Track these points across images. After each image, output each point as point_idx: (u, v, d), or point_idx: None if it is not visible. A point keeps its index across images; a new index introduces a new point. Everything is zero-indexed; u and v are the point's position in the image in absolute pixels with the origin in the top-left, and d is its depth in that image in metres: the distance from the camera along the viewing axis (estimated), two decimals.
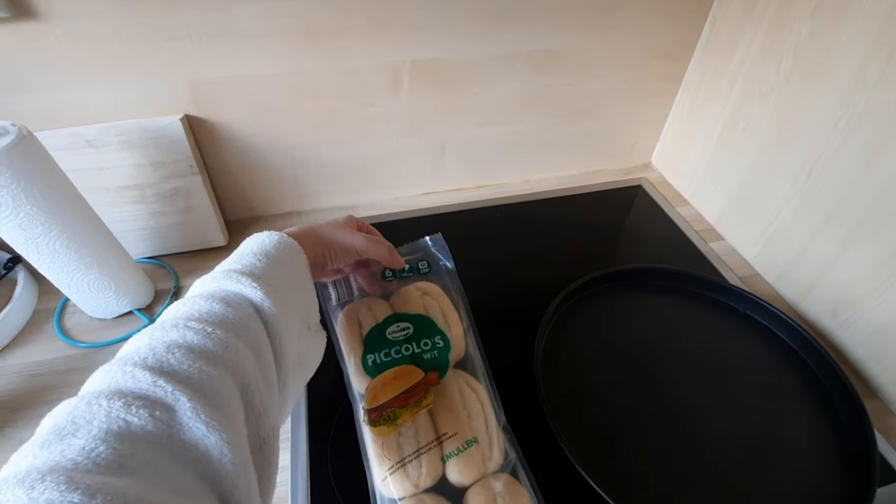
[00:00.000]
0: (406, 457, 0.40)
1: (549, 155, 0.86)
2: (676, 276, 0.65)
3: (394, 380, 0.42)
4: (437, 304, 0.48)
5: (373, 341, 0.45)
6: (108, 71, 0.58)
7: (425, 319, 0.46)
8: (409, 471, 0.40)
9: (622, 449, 0.50)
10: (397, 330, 0.45)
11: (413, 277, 0.50)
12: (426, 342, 0.45)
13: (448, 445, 0.41)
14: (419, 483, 0.40)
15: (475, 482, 0.41)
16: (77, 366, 0.58)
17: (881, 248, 0.55)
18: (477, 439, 0.41)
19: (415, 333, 0.45)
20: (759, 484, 0.48)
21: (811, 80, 0.59)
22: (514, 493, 0.40)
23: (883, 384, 0.57)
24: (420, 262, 0.51)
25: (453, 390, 0.44)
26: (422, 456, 0.40)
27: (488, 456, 0.41)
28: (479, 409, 0.43)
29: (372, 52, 0.64)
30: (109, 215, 0.64)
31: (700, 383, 0.56)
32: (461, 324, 0.48)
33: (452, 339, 0.46)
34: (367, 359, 0.44)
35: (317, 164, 0.75)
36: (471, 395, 0.44)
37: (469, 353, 0.47)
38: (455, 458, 0.41)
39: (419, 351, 0.44)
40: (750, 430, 0.52)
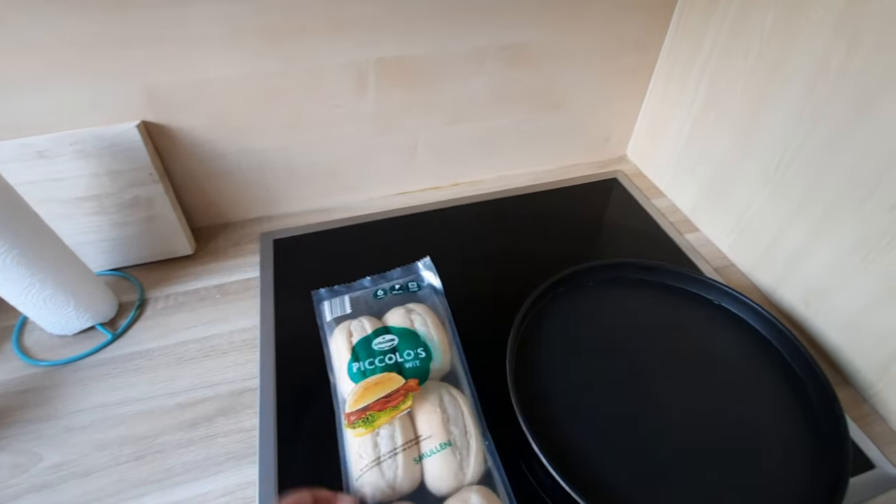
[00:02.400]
0: (381, 456, 0.40)
1: (523, 150, 0.85)
2: (650, 270, 0.65)
3: (375, 385, 0.44)
4: (424, 319, 0.50)
5: (360, 350, 0.48)
6: (57, 78, 0.56)
7: (411, 332, 0.49)
8: (384, 469, 0.40)
9: (595, 444, 0.50)
10: (383, 341, 0.48)
11: (404, 296, 0.54)
12: (409, 352, 0.47)
13: (424, 446, 0.42)
14: (394, 484, 0.40)
15: (452, 492, 0.41)
16: (38, 385, 0.56)
17: (848, 237, 0.55)
18: (452, 442, 0.42)
19: (400, 344, 0.48)
20: (732, 474, 0.48)
21: (777, 69, 0.59)
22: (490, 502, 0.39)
23: (856, 371, 0.57)
24: (410, 283, 0.55)
25: (435, 397, 0.45)
26: (398, 456, 0.41)
27: (466, 463, 0.41)
28: (458, 416, 0.44)
29: (335, 51, 0.63)
30: (66, 228, 0.62)
31: (674, 375, 0.56)
32: (447, 338, 0.50)
33: (437, 352, 0.48)
34: (353, 366, 0.47)
35: (285, 168, 0.73)
36: (452, 403, 0.45)
37: (454, 367, 0.49)
38: (430, 458, 0.41)
39: (402, 360, 0.47)
40: (723, 421, 0.52)
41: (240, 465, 0.50)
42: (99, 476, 0.49)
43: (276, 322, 0.62)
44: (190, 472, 0.49)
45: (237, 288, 0.67)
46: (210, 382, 0.56)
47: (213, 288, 0.67)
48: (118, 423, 0.53)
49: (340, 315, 0.53)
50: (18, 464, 0.50)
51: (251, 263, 0.70)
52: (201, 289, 0.67)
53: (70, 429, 0.52)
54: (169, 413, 0.54)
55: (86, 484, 0.48)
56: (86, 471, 0.49)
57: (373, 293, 0.54)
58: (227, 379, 0.57)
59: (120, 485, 0.48)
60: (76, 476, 0.49)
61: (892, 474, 0.50)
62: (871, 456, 0.51)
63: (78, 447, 0.51)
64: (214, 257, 0.71)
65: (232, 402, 0.55)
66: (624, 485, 0.47)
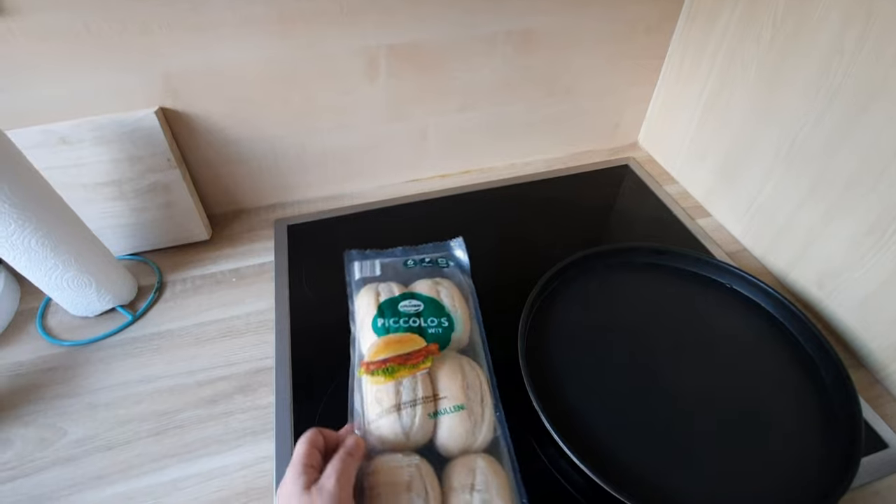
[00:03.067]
0: (402, 403, 0.42)
1: (534, 137, 0.85)
2: (660, 254, 0.65)
3: (397, 342, 0.45)
4: (450, 293, 0.51)
5: (386, 308, 0.49)
6: (79, 66, 0.57)
7: (436, 302, 0.50)
8: (403, 416, 0.41)
9: (604, 420, 0.50)
10: (409, 305, 0.49)
11: (432, 269, 0.55)
12: (433, 320, 0.49)
13: (441, 404, 0.43)
14: (410, 433, 0.41)
15: (460, 453, 0.42)
16: (61, 364, 0.58)
17: (863, 217, 0.54)
18: (468, 407, 0.43)
19: (424, 311, 0.49)
20: (746, 455, 0.48)
21: (791, 49, 0.58)
22: (495, 470, 0.40)
23: (869, 353, 0.57)
24: (440, 258, 0.57)
25: (456, 364, 0.46)
26: (417, 406, 0.42)
27: (478, 429, 0.42)
28: (477, 385, 0.45)
29: (346, 37, 0.63)
30: (88, 212, 0.64)
31: (686, 357, 0.56)
32: (469, 314, 0.51)
33: (459, 324, 0.49)
34: (378, 321, 0.48)
35: (298, 155, 0.74)
36: (471, 372, 0.46)
37: (473, 342, 0.50)
38: (445, 416, 0.42)
39: (425, 325, 0.48)
40: (736, 403, 0.52)
41: (257, 440, 0.51)
42: (121, 450, 0.50)
43: (291, 304, 0.63)
44: (209, 447, 0.50)
45: (253, 272, 0.68)
46: (228, 362, 0.58)
47: (229, 272, 0.68)
48: (139, 401, 0.54)
49: (369, 276, 0.54)
50: (44, 438, 0.51)
51: (266, 248, 0.71)
52: (217, 273, 0.68)
53: (93, 405, 0.54)
54: (188, 391, 0.55)
55: (109, 457, 0.50)
56: (108, 445, 0.51)
57: (403, 262, 0.56)
58: (244, 358, 0.58)
59: (141, 458, 0.50)
60: (99, 450, 0.50)
61: None
62: (883, 435, 0.51)
63: (101, 423, 0.52)
64: (230, 242, 0.72)
65: (249, 381, 0.56)
66: (632, 459, 0.47)
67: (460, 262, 0.58)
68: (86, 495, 0.47)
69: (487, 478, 0.40)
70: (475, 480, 0.39)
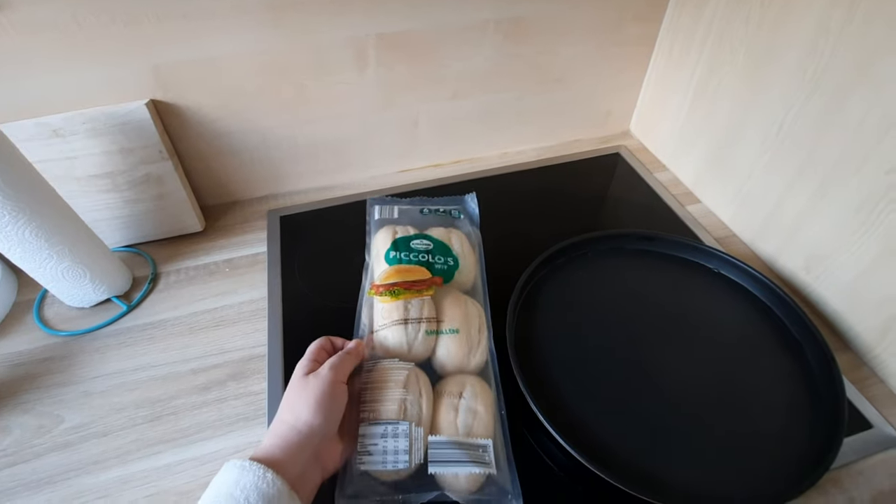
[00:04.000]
0: (409, 318, 0.48)
1: (526, 126, 0.85)
2: (650, 240, 0.65)
3: (406, 271, 0.52)
4: (460, 239, 0.58)
5: (400, 244, 0.55)
6: (69, 58, 0.58)
7: (446, 245, 0.56)
8: (409, 329, 0.47)
9: (591, 404, 0.51)
10: (421, 244, 0.56)
11: (445, 219, 0.61)
12: (440, 258, 0.55)
13: (443, 325, 0.49)
14: (412, 345, 0.47)
15: (454, 373, 0.48)
16: (57, 354, 0.59)
17: (849, 200, 0.55)
18: (464, 331, 0.49)
19: (434, 250, 0.55)
20: (732, 436, 0.49)
21: (778, 33, 0.59)
22: (483, 388, 0.46)
23: (856, 336, 0.57)
24: (454, 210, 0.63)
25: (461, 297, 0.52)
26: (421, 323, 0.48)
27: (472, 353, 0.48)
28: (475, 316, 0.51)
29: (335, 26, 0.64)
30: (82, 205, 0.64)
31: (674, 341, 0.57)
32: (475, 260, 0.57)
33: (465, 265, 0.55)
34: (391, 253, 0.54)
35: (290, 145, 0.75)
36: (472, 306, 0.52)
37: (476, 286, 0.56)
38: (444, 336, 0.48)
39: (433, 261, 0.54)
40: (722, 385, 0.53)
41: (249, 425, 0.52)
42: (117, 436, 0.51)
43: (283, 293, 0.64)
44: (202, 432, 0.51)
45: (246, 262, 0.69)
46: (221, 350, 0.59)
47: (222, 262, 0.69)
48: (134, 388, 0.55)
49: (388, 218, 0.60)
50: (42, 425, 0.52)
51: (259, 239, 0.72)
52: (211, 263, 0.69)
53: (89, 393, 0.55)
54: (182, 378, 0.56)
55: (105, 443, 0.51)
56: (104, 431, 0.52)
57: (419, 210, 0.62)
58: (237, 346, 0.59)
59: (137, 444, 0.51)
60: (95, 436, 0.51)
61: (889, 434, 0.50)
62: (869, 417, 0.52)
63: (97, 410, 0.53)
64: (223, 233, 0.73)
65: (242, 368, 0.57)
66: (615, 438, 0.48)
67: (472, 215, 0.64)
68: (83, 480, 0.48)
69: (475, 390, 0.45)
70: (464, 391, 0.45)
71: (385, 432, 0.42)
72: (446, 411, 0.44)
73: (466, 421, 0.43)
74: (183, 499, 0.47)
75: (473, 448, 0.42)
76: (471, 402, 0.45)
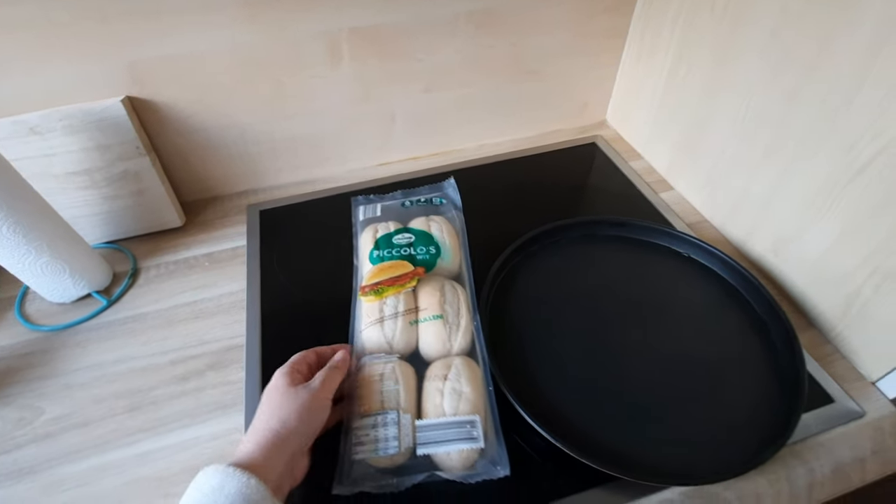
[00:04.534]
0: (385, 317, 0.50)
1: (503, 118, 0.86)
2: (621, 226, 0.67)
3: (389, 268, 0.54)
4: (441, 226, 0.60)
5: (382, 242, 0.58)
6: (45, 57, 0.59)
7: (427, 234, 0.59)
8: (385, 328, 0.50)
9: (562, 384, 0.52)
10: (402, 238, 0.59)
11: (428, 208, 0.64)
12: (422, 248, 0.58)
13: (421, 314, 0.52)
14: (392, 341, 0.49)
15: (439, 357, 0.50)
16: (39, 348, 0.59)
17: (811, 181, 0.56)
18: (444, 316, 0.51)
19: (415, 241, 0.58)
20: (697, 412, 0.50)
21: (741, 18, 0.60)
22: (468, 365, 0.48)
23: (820, 314, 0.59)
24: (435, 197, 0.66)
25: (438, 284, 0.54)
26: (398, 318, 0.50)
27: (454, 336, 0.50)
28: (455, 301, 0.53)
29: (308, 21, 0.64)
30: (62, 202, 0.65)
31: (643, 323, 0.58)
32: (458, 243, 0.60)
33: (447, 252, 0.58)
34: (374, 253, 0.58)
35: (268, 140, 0.75)
36: (451, 291, 0.54)
37: (461, 269, 0.59)
38: (423, 324, 0.51)
39: (415, 253, 0.57)
40: (690, 364, 0.54)
41: (227, 413, 0.53)
42: (96, 426, 0.52)
43: (262, 285, 0.65)
44: (181, 420, 0.52)
45: (225, 256, 0.70)
46: (200, 341, 0.59)
47: (202, 257, 0.70)
48: (114, 380, 0.56)
49: (371, 217, 0.63)
50: (22, 417, 0.53)
51: (239, 233, 0.73)
52: (191, 258, 0.70)
53: (70, 385, 0.56)
54: (161, 369, 0.57)
55: (85, 433, 0.52)
56: (84, 422, 0.53)
57: (401, 203, 0.64)
58: (216, 337, 0.60)
59: (116, 433, 0.52)
60: (75, 427, 0.52)
61: (850, 408, 0.52)
62: (830, 392, 0.53)
63: (77, 401, 0.54)
64: (203, 228, 0.74)
65: (220, 358, 0.58)
66: (586, 419, 0.49)
67: (453, 199, 0.66)
68: (63, 469, 0.49)
69: (460, 371, 0.47)
70: (449, 373, 0.47)
71: (375, 423, 0.44)
72: (431, 396, 0.46)
73: (452, 402, 0.45)
74: (161, 484, 0.48)
75: (461, 426, 0.43)
76: (455, 383, 0.46)
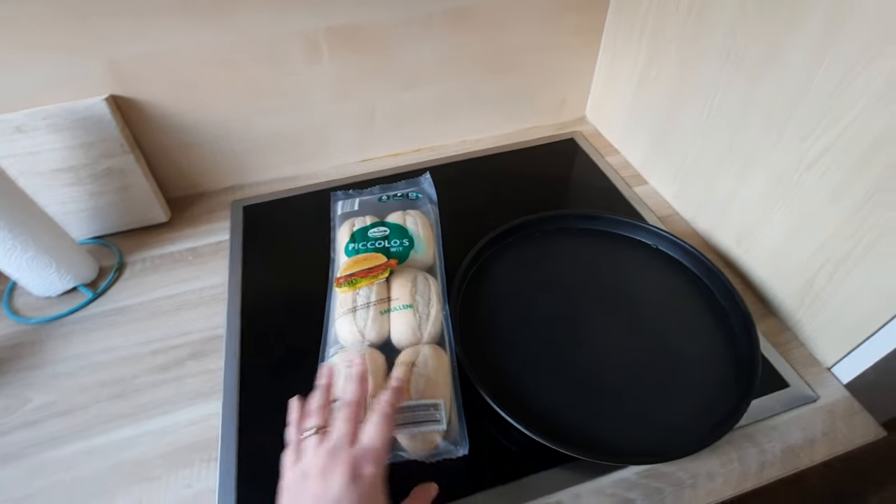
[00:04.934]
0: (357, 307, 0.52)
1: (483, 115, 0.88)
2: (593, 219, 0.69)
3: (363, 260, 0.56)
4: (416, 220, 0.62)
5: (357, 236, 0.60)
6: (28, 56, 0.60)
7: (402, 228, 0.61)
8: (357, 317, 0.51)
9: (529, 372, 0.54)
10: (377, 232, 0.60)
11: (404, 202, 0.66)
12: (396, 241, 0.59)
13: (393, 304, 0.53)
14: (364, 330, 0.51)
15: (410, 344, 0.51)
16: (26, 340, 0.62)
17: (769, 174, 0.58)
18: (414, 306, 0.52)
19: (390, 234, 0.60)
20: (657, 396, 0.53)
21: (704, 16, 0.62)
22: (436, 353, 0.49)
23: (780, 303, 0.61)
24: (411, 192, 0.68)
25: (411, 275, 0.56)
26: (370, 308, 0.52)
27: (424, 325, 0.52)
28: (426, 291, 0.54)
29: (284, 21, 0.66)
30: (48, 198, 0.67)
31: (611, 312, 0.60)
32: (432, 236, 0.62)
33: (421, 245, 0.59)
34: (349, 246, 0.59)
35: (251, 138, 0.77)
36: (423, 282, 0.55)
37: (434, 262, 0.60)
38: (394, 313, 0.52)
39: (389, 245, 0.59)
40: (654, 350, 0.56)
41: (206, 400, 0.55)
42: (80, 413, 0.54)
43: (243, 278, 0.67)
44: (161, 407, 0.54)
45: (209, 250, 0.72)
46: (182, 332, 0.62)
47: (186, 251, 0.72)
48: (98, 369, 0.58)
49: (349, 211, 0.65)
50: (9, 405, 0.55)
51: (223, 228, 0.75)
52: (175, 252, 0.72)
53: (55, 375, 0.58)
54: (144, 359, 0.59)
55: (69, 420, 0.54)
56: (68, 409, 0.55)
57: (378, 198, 0.66)
58: (198, 328, 0.62)
59: (98, 419, 0.54)
60: (60, 414, 0.54)
61: (805, 393, 0.54)
62: (787, 377, 0.55)
63: (62, 390, 0.56)
64: (188, 224, 0.76)
65: (201, 348, 0.60)
66: (551, 403, 0.52)
67: (429, 194, 0.68)
68: (48, 454, 0.51)
69: (427, 358, 0.48)
70: (417, 359, 0.48)
71: None
72: None
73: (417, 386, 0.46)
74: (141, 468, 0.50)
75: (424, 409, 0.45)
76: (422, 368, 0.48)
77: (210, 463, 0.50)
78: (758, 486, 0.48)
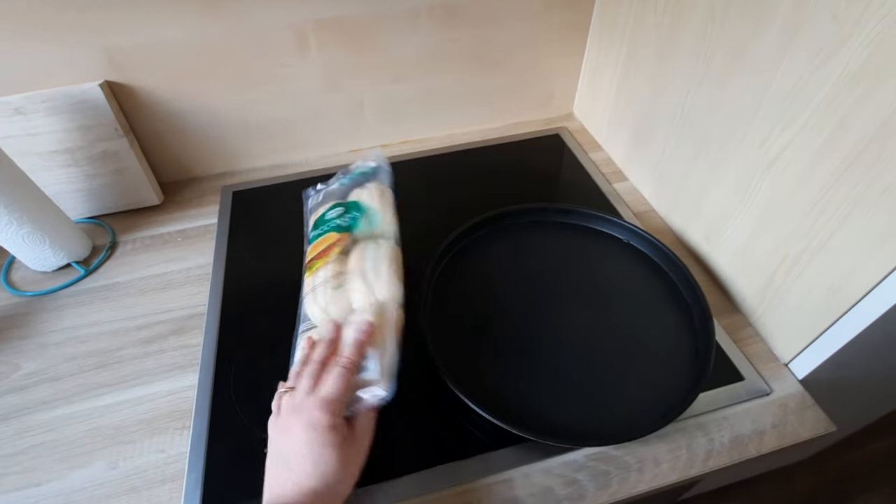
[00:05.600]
0: (316, 287, 0.54)
1: (471, 108, 0.90)
2: (566, 213, 0.70)
3: (319, 243, 0.58)
4: (371, 192, 0.64)
5: (318, 223, 0.62)
6: (28, 42, 0.63)
7: (356, 203, 0.63)
8: (318, 296, 0.53)
9: (492, 357, 0.56)
10: (334, 213, 0.62)
11: (362, 178, 0.68)
12: (350, 215, 0.61)
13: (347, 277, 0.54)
14: (326, 308, 0.52)
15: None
16: (20, 312, 0.65)
17: (733, 174, 0.59)
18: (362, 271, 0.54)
19: (345, 212, 0.61)
20: (616, 384, 0.55)
21: (677, 19, 0.63)
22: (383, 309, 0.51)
23: (744, 299, 0.62)
24: (365, 169, 0.69)
25: (360, 245, 0.57)
26: (327, 285, 0.53)
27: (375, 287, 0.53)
28: (376, 254, 0.56)
29: (274, 12, 0.68)
30: (45, 179, 0.70)
31: (578, 303, 0.62)
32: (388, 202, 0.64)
33: (374, 213, 0.61)
34: (312, 234, 0.61)
35: (242, 126, 0.80)
36: (374, 247, 0.57)
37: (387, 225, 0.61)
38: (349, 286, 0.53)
39: (343, 223, 0.60)
40: (617, 341, 0.58)
41: (184, 373, 0.58)
42: (66, 381, 0.58)
43: (227, 259, 0.70)
44: (141, 378, 0.58)
45: (197, 233, 0.75)
46: (166, 308, 0.65)
47: (175, 233, 0.75)
48: (85, 341, 0.61)
49: (315, 204, 0.66)
50: (0, 372, 0.59)
51: (212, 212, 0.78)
52: (165, 234, 0.75)
53: (45, 345, 0.61)
54: (129, 333, 0.62)
55: (55, 387, 0.57)
56: (55, 377, 0.58)
57: (339, 183, 0.67)
58: (181, 306, 0.65)
59: (83, 387, 0.57)
60: (47, 381, 0.58)
61: (758, 386, 0.56)
62: (742, 370, 0.57)
63: (50, 359, 0.60)
64: (180, 207, 0.79)
65: (183, 324, 0.63)
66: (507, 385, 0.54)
67: (381, 165, 0.69)
68: (34, 417, 0.55)
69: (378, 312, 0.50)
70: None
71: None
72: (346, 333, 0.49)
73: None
74: (119, 432, 0.53)
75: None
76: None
77: (183, 431, 0.53)
78: (703, 473, 0.50)
